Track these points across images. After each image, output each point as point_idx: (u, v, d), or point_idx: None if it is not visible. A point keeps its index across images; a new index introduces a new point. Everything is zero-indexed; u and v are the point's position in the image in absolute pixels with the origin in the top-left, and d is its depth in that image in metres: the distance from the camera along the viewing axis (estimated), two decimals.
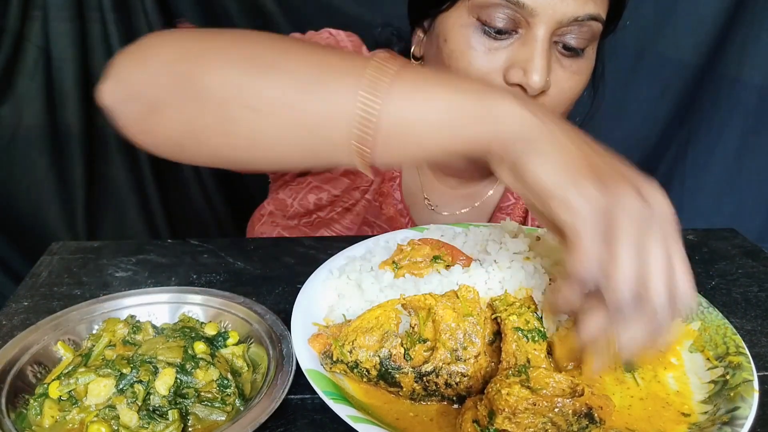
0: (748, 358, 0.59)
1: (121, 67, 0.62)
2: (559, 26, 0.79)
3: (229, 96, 0.57)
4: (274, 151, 0.60)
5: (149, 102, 0.61)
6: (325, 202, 1.03)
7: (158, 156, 0.65)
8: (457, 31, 0.83)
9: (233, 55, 0.59)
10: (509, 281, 0.66)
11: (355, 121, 0.54)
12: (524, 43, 0.80)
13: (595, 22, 0.81)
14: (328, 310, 0.68)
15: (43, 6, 1.42)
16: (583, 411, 0.48)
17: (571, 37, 0.81)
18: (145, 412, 0.52)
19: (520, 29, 0.80)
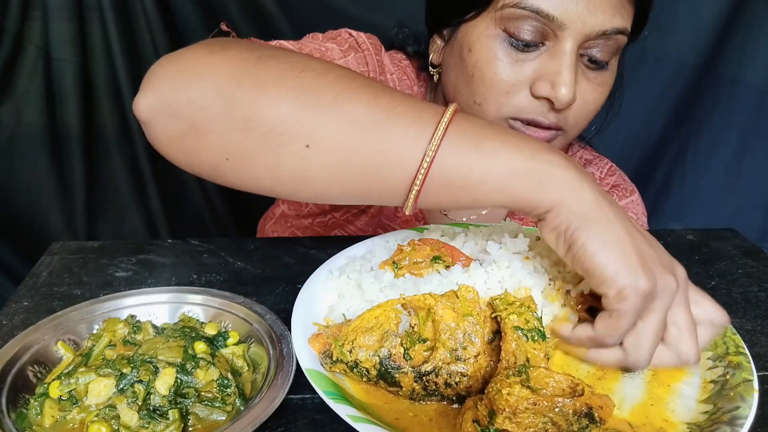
0: (748, 358, 0.59)
1: (164, 80, 0.59)
2: (587, 39, 0.79)
3: (283, 130, 0.56)
4: (319, 189, 0.59)
5: (192, 123, 0.58)
6: (339, 204, 1.01)
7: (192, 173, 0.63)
8: (483, 42, 0.82)
9: (292, 86, 0.57)
10: (509, 281, 0.66)
11: (412, 168, 0.55)
12: (552, 56, 0.80)
13: (621, 36, 0.81)
14: (328, 310, 0.68)
15: (42, 6, 1.43)
16: (583, 411, 0.48)
17: (597, 50, 0.81)
18: (146, 412, 0.52)
19: (547, 41, 0.80)
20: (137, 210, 1.72)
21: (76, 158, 1.60)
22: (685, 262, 0.84)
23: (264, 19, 1.56)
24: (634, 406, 0.57)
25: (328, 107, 0.56)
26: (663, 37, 1.49)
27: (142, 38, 1.55)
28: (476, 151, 0.55)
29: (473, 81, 0.85)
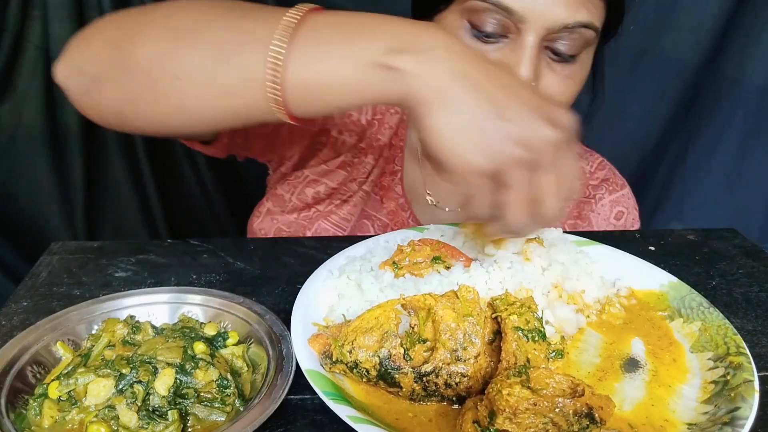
0: (749, 359, 0.59)
1: (71, 47, 0.69)
2: (549, 33, 0.79)
3: (155, 67, 0.63)
4: (202, 116, 0.66)
5: (92, 76, 0.67)
6: (323, 195, 1.04)
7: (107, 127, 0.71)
8: (449, 32, 0.84)
9: (162, 28, 0.64)
10: (510, 281, 0.66)
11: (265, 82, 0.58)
12: (513, 49, 0.81)
13: (586, 30, 0.81)
14: (328, 310, 0.68)
15: (42, 6, 1.42)
16: (583, 411, 0.48)
17: (562, 43, 0.81)
18: (145, 413, 0.52)
19: (510, 34, 0.81)
20: (137, 210, 1.71)
21: (76, 158, 1.60)
22: (686, 262, 0.85)
23: None
24: (635, 406, 0.56)
25: (187, 40, 0.62)
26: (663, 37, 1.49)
27: None
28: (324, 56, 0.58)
29: None
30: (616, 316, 0.69)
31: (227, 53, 0.60)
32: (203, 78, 0.62)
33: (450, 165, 0.55)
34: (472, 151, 0.53)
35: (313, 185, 1.04)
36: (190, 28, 0.63)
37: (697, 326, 0.66)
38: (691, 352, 0.64)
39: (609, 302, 0.70)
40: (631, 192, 1.09)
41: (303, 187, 1.04)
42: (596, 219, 1.06)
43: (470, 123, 0.54)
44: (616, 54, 1.50)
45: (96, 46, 0.68)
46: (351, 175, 1.04)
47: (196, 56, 0.62)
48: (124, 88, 0.66)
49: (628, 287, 0.74)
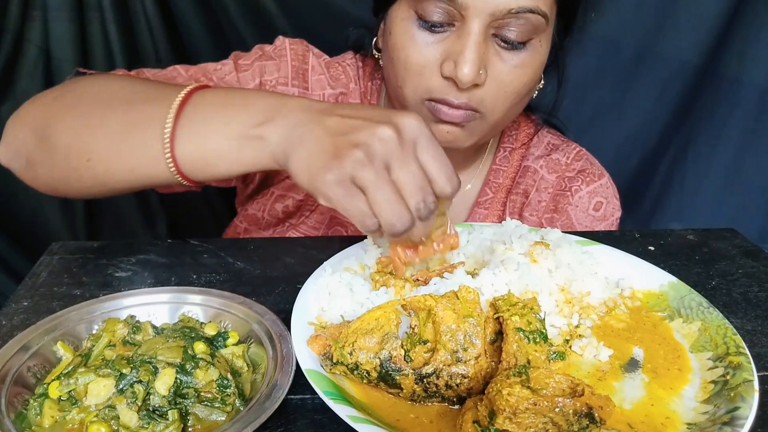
0: (749, 358, 0.59)
1: (7, 131, 0.80)
2: (494, 19, 0.79)
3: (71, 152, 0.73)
4: (121, 187, 0.75)
5: (26, 159, 0.78)
6: (293, 209, 1.05)
7: None
8: (398, 24, 0.86)
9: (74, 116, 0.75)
10: (516, 283, 0.66)
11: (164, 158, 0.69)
12: (459, 37, 0.81)
13: (533, 15, 0.80)
14: (319, 310, 0.67)
15: (42, 6, 1.42)
16: (583, 411, 0.48)
17: (510, 29, 0.81)
18: (145, 412, 0.52)
19: (456, 23, 0.81)
20: (137, 210, 1.71)
21: None
22: (686, 262, 0.85)
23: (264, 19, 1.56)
24: (634, 406, 0.57)
25: (94, 127, 0.72)
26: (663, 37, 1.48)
27: (143, 38, 1.54)
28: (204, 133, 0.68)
29: (393, 63, 0.88)
30: (620, 318, 0.69)
31: (129, 135, 0.71)
32: (111, 158, 0.72)
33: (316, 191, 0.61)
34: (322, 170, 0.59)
35: (281, 200, 1.06)
36: (98, 115, 0.73)
37: (697, 326, 0.66)
38: (691, 352, 0.64)
39: (615, 304, 0.70)
40: (610, 181, 1.07)
41: (272, 204, 1.06)
42: (574, 212, 1.05)
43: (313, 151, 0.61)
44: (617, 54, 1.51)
45: (25, 132, 0.78)
46: None
47: (103, 141, 0.72)
48: (52, 170, 0.76)
49: (631, 287, 0.74)
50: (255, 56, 1.01)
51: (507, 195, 1.06)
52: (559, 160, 1.07)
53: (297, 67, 1.01)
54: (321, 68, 1.03)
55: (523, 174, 1.07)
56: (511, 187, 1.06)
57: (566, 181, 1.06)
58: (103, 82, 0.79)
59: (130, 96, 0.74)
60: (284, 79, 1.00)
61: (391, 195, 0.59)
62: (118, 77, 0.80)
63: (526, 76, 0.86)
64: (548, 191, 1.06)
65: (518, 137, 1.09)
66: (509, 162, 1.07)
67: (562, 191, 1.05)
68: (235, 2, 1.55)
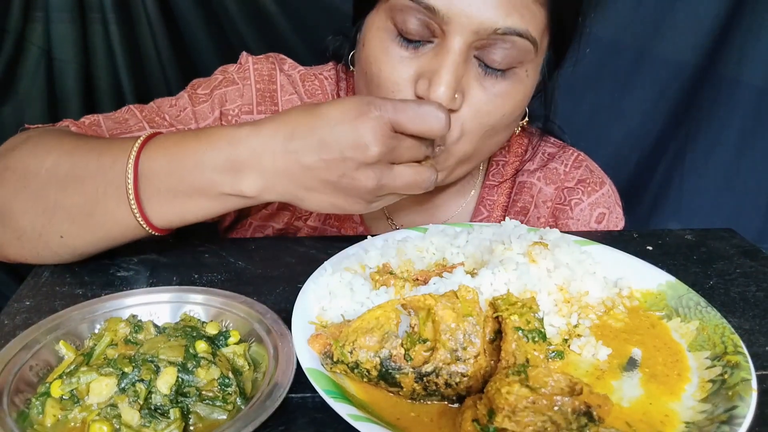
0: (746, 358, 0.59)
1: None
2: (477, 38, 0.72)
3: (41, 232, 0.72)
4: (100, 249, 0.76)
5: None
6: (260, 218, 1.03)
7: None
8: (373, 35, 0.79)
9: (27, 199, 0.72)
10: (515, 283, 0.66)
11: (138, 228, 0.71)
12: (437, 54, 0.74)
13: (520, 39, 0.73)
14: (320, 309, 0.68)
15: (44, 7, 1.43)
16: (582, 409, 0.48)
17: (494, 52, 0.74)
18: (147, 411, 0.53)
19: (435, 38, 0.75)
20: None
21: None
22: (684, 262, 0.85)
23: (264, 19, 1.56)
24: (633, 404, 0.57)
25: (54, 209, 0.70)
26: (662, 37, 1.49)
27: (144, 39, 1.55)
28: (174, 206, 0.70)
29: (366, 78, 0.80)
30: (618, 318, 0.69)
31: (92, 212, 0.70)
32: (82, 235, 0.72)
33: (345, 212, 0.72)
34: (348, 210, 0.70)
35: (259, 231, 1.02)
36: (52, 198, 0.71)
37: (695, 325, 0.66)
38: (689, 351, 0.64)
39: (613, 304, 0.71)
40: (612, 188, 1.01)
41: (251, 234, 1.03)
42: (576, 225, 0.99)
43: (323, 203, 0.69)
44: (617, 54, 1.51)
45: None
46: (295, 214, 1.00)
47: (67, 222, 0.71)
48: (21, 250, 0.75)
49: (630, 287, 0.74)
50: (215, 82, 0.95)
51: (503, 213, 1.01)
52: (557, 169, 1.01)
53: (262, 89, 0.94)
54: (292, 86, 0.96)
55: (519, 191, 1.01)
56: (507, 204, 1.00)
57: (565, 192, 0.99)
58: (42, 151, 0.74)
59: (78, 168, 0.71)
60: (248, 107, 0.93)
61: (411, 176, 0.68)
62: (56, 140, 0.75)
63: (506, 108, 0.79)
64: (547, 205, 1.00)
65: (510, 148, 1.03)
66: (502, 176, 1.01)
67: (562, 204, 0.99)
68: (236, 3, 1.55)
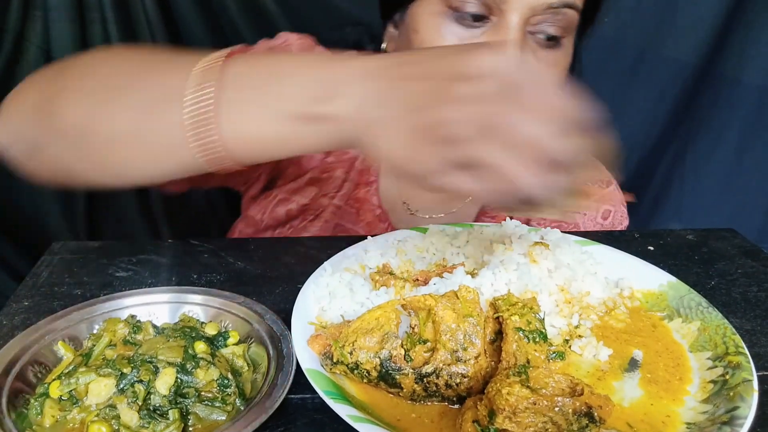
0: (748, 358, 0.59)
1: (7, 109, 0.68)
2: (533, 14, 0.77)
3: (84, 129, 0.61)
4: (139, 173, 0.64)
5: (29, 143, 0.66)
6: (295, 212, 1.02)
7: None
8: (427, 20, 0.81)
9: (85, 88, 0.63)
10: (516, 283, 0.66)
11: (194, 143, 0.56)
12: (497, 32, 0.78)
13: (570, 10, 0.78)
14: (319, 310, 0.68)
15: (43, 7, 1.42)
16: (583, 410, 0.48)
17: (547, 25, 0.79)
18: (146, 412, 0.52)
19: (492, 17, 0.78)
20: (138, 210, 1.71)
21: None
22: (685, 262, 0.85)
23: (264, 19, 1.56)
24: (634, 405, 0.57)
25: (115, 98, 0.61)
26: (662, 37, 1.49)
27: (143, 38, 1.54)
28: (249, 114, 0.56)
29: None
30: (619, 318, 0.69)
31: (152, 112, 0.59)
32: (133, 139, 0.60)
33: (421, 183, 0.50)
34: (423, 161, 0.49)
35: (283, 204, 1.02)
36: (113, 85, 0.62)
37: (696, 326, 0.66)
38: (690, 352, 0.64)
39: (614, 304, 0.71)
40: (617, 188, 1.05)
41: (274, 207, 1.03)
42: (582, 219, 1.03)
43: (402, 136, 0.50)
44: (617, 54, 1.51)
45: (26, 112, 0.67)
46: (321, 191, 1.01)
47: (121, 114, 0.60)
48: (61, 154, 0.65)
49: (631, 287, 0.74)
50: (264, 48, 0.96)
51: None
52: None
53: None
54: None
55: None
56: None
57: None
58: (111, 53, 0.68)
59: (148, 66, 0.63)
60: None
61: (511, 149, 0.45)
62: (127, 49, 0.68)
63: (558, 77, 0.83)
64: None
65: None
66: None
67: None
68: (236, 2, 1.55)
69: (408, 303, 0.59)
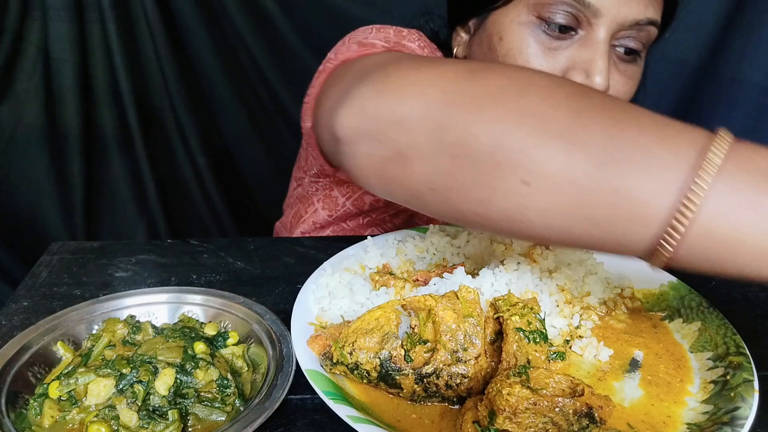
0: (749, 358, 0.59)
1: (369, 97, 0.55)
2: (620, 29, 0.78)
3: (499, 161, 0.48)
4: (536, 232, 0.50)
5: (398, 148, 0.53)
6: (382, 204, 0.98)
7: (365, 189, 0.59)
8: (515, 29, 0.81)
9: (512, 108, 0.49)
10: (516, 283, 0.66)
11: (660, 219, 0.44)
12: (585, 45, 0.78)
13: (652, 27, 0.80)
14: (319, 310, 0.68)
15: (42, 7, 1.42)
16: (583, 411, 0.48)
17: (630, 41, 0.80)
18: (145, 412, 0.52)
19: (581, 29, 0.79)
20: (137, 210, 1.71)
21: (75, 158, 1.60)
22: None
23: (264, 19, 1.56)
24: (634, 406, 0.57)
25: (556, 138, 0.47)
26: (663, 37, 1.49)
27: (142, 38, 1.54)
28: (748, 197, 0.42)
29: None
30: (620, 319, 0.69)
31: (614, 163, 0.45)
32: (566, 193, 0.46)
33: None
34: None
35: (370, 193, 0.96)
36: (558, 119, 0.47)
37: (697, 326, 0.66)
38: (691, 352, 0.64)
39: (615, 305, 0.70)
40: None
41: (362, 194, 0.98)
42: None
43: None
44: None
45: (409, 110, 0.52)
46: None
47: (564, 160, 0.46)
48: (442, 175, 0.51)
49: (631, 288, 0.74)
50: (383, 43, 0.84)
51: None
52: None
53: None
54: None
55: None
56: None
57: None
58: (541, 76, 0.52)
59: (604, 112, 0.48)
60: None
61: None
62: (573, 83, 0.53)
63: (635, 89, 0.85)
64: None
65: None
66: None
67: None
68: (235, 2, 1.55)
69: (408, 303, 0.59)
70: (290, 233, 1.05)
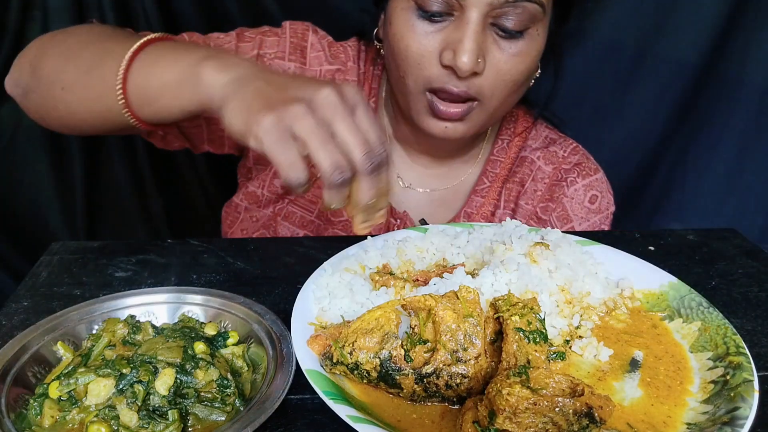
0: (749, 358, 0.59)
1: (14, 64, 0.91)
2: (492, 8, 0.82)
3: (51, 81, 0.84)
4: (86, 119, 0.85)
5: (22, 88, 0.89)
6: None
7: None
8: (398, 14, 0.89)
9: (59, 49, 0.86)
10: (516, 284, 0.66)
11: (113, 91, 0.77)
12: (457, 26, 0.84)
13: (530, 4, 0.84)
14: (319, 310, 0.67)
15: (43, 7, 1.42)
16: (583, 411, 0.48)
17: (507, 18, 0.84)
18: (145, 412, 0.52)
19: (454, 12, 0.84)
20: (137, 210, 1.71)
21: (76, 158, 1.60)
22: (686, 262, 0.85)
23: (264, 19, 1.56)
24: (634, 405, 0.57)
25: (72, 59, 0.83)
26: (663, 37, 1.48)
27: None
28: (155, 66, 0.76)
29: (394, 53, 0.91)
30: (620, 319, 0.69)
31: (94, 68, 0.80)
32: (78, 88, 0.82)
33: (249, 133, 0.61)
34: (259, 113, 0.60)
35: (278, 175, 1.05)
36: (75, 49, 0.84)
37: (697, 326, 0.66)
38: (691, 352, 0.64)
39: (615, 305, 0.70)
40: (604, 177, 1.11)
41: (270, 179, 1.07)
42: (570, 203, 1.07)
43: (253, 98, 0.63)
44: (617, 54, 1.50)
45: (24, 64, 0.89)
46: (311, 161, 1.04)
47: (73, 71, 0.82)
48: (39, 98, 0.87)
49: (631, 288, 0.74)
50: (260, 31, 1.06)
51: (503, 184, 1.08)
52: (557, 152, 1.10)
53: (295, 43, 1.05)
54: (320, 46, 1.07)
55: (520, 164, 1.09)
56: (507, 176, 1.09)
57: (562, 172, 1.08)
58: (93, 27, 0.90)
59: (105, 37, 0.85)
60: (282, 53, 1.03)
61: (332, 145, 0.60)
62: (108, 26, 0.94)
63: (524, 65, 0.89)
64: (544, 181, 1.08)
65: (516, 129, 1.11)
66: (506, 153, 1.10)
67: (558, 182, 1.08)
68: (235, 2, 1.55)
69: (408, 303, 0.59)
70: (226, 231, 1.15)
